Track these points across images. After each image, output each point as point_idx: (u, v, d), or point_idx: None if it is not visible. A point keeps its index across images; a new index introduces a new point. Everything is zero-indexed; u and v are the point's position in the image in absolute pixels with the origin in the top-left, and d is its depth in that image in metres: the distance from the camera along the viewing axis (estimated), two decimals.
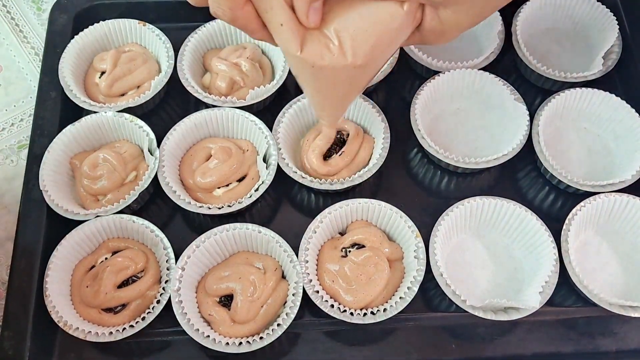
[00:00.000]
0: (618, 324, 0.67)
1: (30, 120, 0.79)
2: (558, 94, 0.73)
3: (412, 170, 0.75)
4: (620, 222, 0.69)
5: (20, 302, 0.64)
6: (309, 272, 0.64)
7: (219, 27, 0.80)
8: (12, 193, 0.78)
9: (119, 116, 0.73)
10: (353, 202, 0.67)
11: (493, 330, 0.66)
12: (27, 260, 0.66)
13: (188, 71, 0.76)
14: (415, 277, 0.63)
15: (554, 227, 0.66)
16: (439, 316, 0.67)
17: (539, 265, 0.65)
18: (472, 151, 0.74)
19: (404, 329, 0.66)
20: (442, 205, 0.67)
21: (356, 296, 0.63)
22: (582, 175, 0.72)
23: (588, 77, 0.75)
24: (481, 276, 0.68)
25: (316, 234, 0.66)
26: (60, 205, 0.68)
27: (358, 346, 0.66)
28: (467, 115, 0.77)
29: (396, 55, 0.76)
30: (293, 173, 0.70)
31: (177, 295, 0.63)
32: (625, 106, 0.73)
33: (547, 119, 0.73)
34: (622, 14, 0.81)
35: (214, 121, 0.73)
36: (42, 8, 0.91)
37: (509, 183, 0.74)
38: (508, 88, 0.74)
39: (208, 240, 0.66)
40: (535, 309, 0.62)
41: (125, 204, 0.68)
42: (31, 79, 0.86)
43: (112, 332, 0.62)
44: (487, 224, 0.69)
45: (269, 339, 0.61)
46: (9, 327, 0.63)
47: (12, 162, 0.80)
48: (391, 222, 0.68)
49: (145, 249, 0.68)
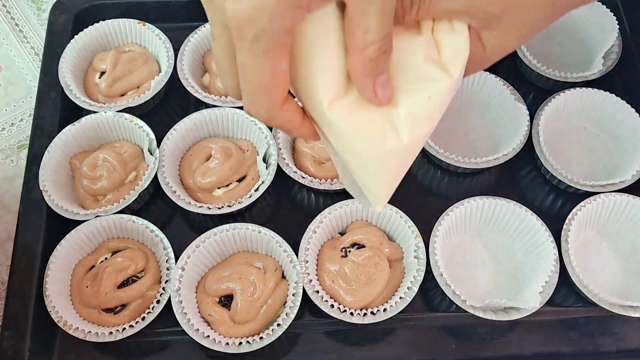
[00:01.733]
0: (618, 324, 0.67)
1: (30, 120, 0.79)
2: (558, 94, 0.73)
3: (412, 170, 0.75)
4: (620, 222, 0.69)
5: (20, 302, 0.64)
6: (309, 272, 0.64)
7: None
8: (12, 193, 0.78)
9: (118, 116, 0.73)
10: (353, 202, 0.67)
11: (493, 330, 0.66)
12: (27, 260, 0.66)
13: (188, 71, 0.76)
14: (415, 277, 0.63)
15: (554, 227, 0.66)
16: (439, 316, 0.67)
17: (539, 265, 0.65)
18: (472, 151, 0.74)
19: (404, 329, 0.66)
20: (442, 205, 0.67)
21: (356, 296, 0.63)
22: (582, 175, 0.72)
23: (588, 77, 0.75)
24: (481, 276, 0.68)
25: (316, 234, 0.66)
26: (60, 205, 0.68)
27: (358, 346, 0.66)
28: (467, 115, 0.77)
29: None
30: (293, 173, 0.70)
31: (177, 295, 0.63)
32: (625, 106, 0.73)
33: (547, 119, 0.73)
34: (622, 14, 0.81)
35: (214, 121, 0.73)
36: (42, 8, 0.91)
37: (509, 183, 0.74)
38: (508, 88, 0.74)
39: (208, 240, 0.66)
40: (535, 309, 0.62)
41: (125, 204, 0.68)
42: (31, 79, 0.86)
43: (112, 332, 0.62)
44: (487, 224, 0.69)
45: (269, 339, 0.61)
46: (9, 327, 0.63)
47: (12, 162, 0.80)
48: (391, 222, 0.68)
49: (145, 249, 0.68)
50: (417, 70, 0.38)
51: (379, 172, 0.41)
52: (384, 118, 0.38)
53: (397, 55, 0.37)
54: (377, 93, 0.37)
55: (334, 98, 0.37)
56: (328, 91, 0.36)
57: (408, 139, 0.38)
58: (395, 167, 0.41)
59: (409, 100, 0.38)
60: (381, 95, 0.37)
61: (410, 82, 0.38)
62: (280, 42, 0.33)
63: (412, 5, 0.37)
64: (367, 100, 0.37)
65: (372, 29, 0.34)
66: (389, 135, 0.38)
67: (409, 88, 0.38)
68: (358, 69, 0.36)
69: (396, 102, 0.38)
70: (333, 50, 0.36)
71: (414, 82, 0.38)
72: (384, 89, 0.37)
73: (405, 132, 0.38)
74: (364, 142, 0.38)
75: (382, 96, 0.37)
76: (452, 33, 0.38)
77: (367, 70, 0.36)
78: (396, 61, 0.37)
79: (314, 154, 0.71)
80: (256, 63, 0.34)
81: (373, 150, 0.38)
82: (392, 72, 0.38)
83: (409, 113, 0.38)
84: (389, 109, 0.38)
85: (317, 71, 0.36)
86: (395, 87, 0.38)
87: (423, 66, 0.38)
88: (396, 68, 0.38)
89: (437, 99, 0.38)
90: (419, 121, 0.38)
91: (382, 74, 0.37)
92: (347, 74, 0.37)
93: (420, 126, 0.38)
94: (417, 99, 0.38)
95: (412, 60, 0.38)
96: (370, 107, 0.38)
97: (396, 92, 0.38)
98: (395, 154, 0.39)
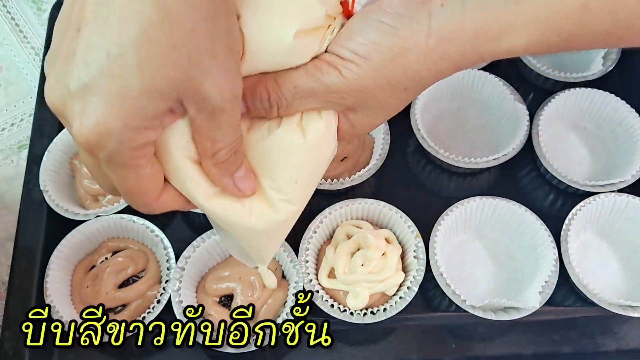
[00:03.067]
0: (618, 324, 0.67)
1: (30, 120, 0.79)
2: (558, 94, 0.73)
3: (412, 170, 0.75)
4: (620, 222, 0.69)
5: (20, 302, 0.64)
6: (309, 272, 0.64)
7: None
8: (12, 193, 0.78)
9: None
10: (353, 202, 0.67)
11: (493, 330, 0.66)
12: (27, 260, 0.66)
13: None
14: (415, 277, 0.63)
15: (554, 227, 0.66)
16: (439, 316, 0.67)
17: (538, 265, 0.65)
18: (472, 151, 0.74)
19: (404, 329, 0.66)
20: (442, 205, 0.67)
21: None
22: (582, 175, 0.72)
23: (588, 77, 0.75)
24: (481, 276, 0.68)
25: (316, 234, 0.66)
26: (60, 205, 0.68)
27: (358, 346, 0.66)
28: (467, 115, 0.77)
29: None
30: None
31: (177, 295, 0.63)
32: (625, 106, 0.73)
33: (547, 119, 0.73)
34: None
35: None
36: (42, 8, 0.91)
37: (509, 183, 0.74)
38: (508, 88, 0.74)
39: (208, 240, 0.66)
40: (535, 308, 0.62)
41: (125, 204, 0.68)
42: (31, 79, 0.86)
43: None
44: (487, 224, 0.69)
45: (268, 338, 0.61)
46: (9, 327, 0.63)
47: (12, 162, 0.80)
48: (391, 222, 0.68)
49: (146, 249, 0.68)
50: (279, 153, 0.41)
51: (261, 243, 0.44)
52: (259, 201, 0.41)
53: (260, 145, 0.41)
54: (239, 187, 0.39)
55: (206, 197, 0.39)
56: (199, 194, 0.39)
57: (284, 215, 0.42)
58: (277, 235, 0.44)
59: (277, 184, 0.41)
60: (243, 187, 0.40)
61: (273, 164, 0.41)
62: (135, 156, 0.34)
63: (272, 107, 0.39)
64: (232, 195, 0.40)
65: (219, 139, 0.36)
66: (267, 215, 0.41)
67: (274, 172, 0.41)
68: (213, 171, 0.38)
69: (266, 187, 0.41)
70: (196, 157, 0.38)
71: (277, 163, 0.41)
72: (244, 182, 0.40)
73: (282, 210, 0.41)
74: (243, 224, 0.41)
75: (244, 188, 0.40)
76: (319, 119, 0.41)
77: (221, 172, 0.38)
78: (260, 150, 0.41)
79: None
80: (118, 175, 0.35)
81: (253, 229, 0.42)
82: (255, 162, 0.41)
83: (280, 194, 0.41)
84: (263, 191, 0.41)
85: (185, 178, 0.38)
86: (260, 175, 0.41)
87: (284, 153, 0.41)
88: (259, 156, 0.41)
89: (302, 177, 0.41)
90: (292, 199, 0.41)
91: (238, 170, 0.39)
92: None
93: (293, 202, 0.42)
94: (284, 181, 0.41)
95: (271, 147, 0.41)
96: None
97: (262, 179, 0.41)
98: (275, 228, 0.42)
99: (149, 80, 0.31)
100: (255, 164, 0.41)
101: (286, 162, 0.41)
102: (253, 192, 0.41)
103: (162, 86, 0.32)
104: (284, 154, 0.40)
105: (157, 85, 0.32)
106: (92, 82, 0.31)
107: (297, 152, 0.40)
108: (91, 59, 0.31)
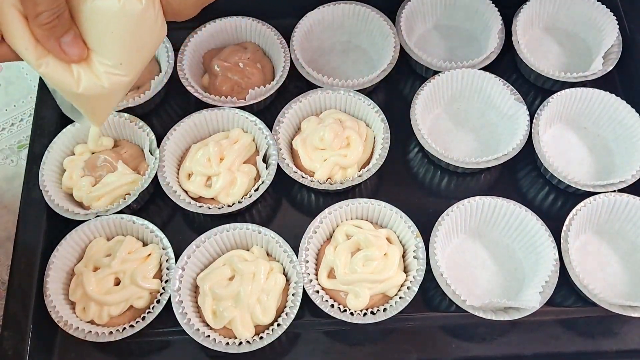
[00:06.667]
0: (618, 324, 0.67)
1: (30, 120, 0.79)
2: (558, 94, 0.73)
3: (412, 170, 0.75)
4: (620, 222, 0.69)
5: (20, 302, 0.64)
6: (309, 272, 0.64)
7: (219, 27, 0.80)
8: (12, 193, 0.78)
9: (119, 116, 0.73)
10: (353, 202, 0.67)
11: (493, 330, 0.66)
12: (27, 260, 0.66)
13: (188, 71, 0.76)
14: (415, 277, 0.63)
15: (554, 227, 0.66)
16: (439, 316, 0.67)
17: (539, 265, 0.65)
18: (472, 151, 0.74)
19: (404, 329, 0.66)
20: (442, 205, 0.67)
21: None
22: (582, 175, 0.72)
23: (588, 77, 0.75)
24: (481, 276, 0.68)
25: (316, 234, 0.66)
26: (60, 205, 0.68)
27: (358, 346, 0.66)
28: (467, 115, 0.77)
29: (396, 55, 0.76)
30: (293, 173, 0.70)
31: (177, 295, 0.63)
32: (625, 106, 0.73)
33: (547, 118, 0.73)
34: (622, 14, 0.81)
35: (214, 121, 0.73)
36: None
37: (509, 183, 0.74)
38: (508, 88, 0.74)
39: (208, 240, 0.66)
40: (535, 309, 0.62)
41: (125, 204, 0.68)
42: (31, 79, 0.86)
43: (112, 332, 0.62)
44: (487, 224, 0.69)
45: (268, 339, 0.61)
46: (9, 327, 0.63)
47: (12, 162, 0.81)
48: (391, 222, 0.68)
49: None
50: None
51: (90, 109, 0.49)
52: (86, 69, 0.45)
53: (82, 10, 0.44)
54: (66, 51, 0.42)
55: (37, 58, 0.43)
56: (31, 55, 0.43)
57: (109, 84, 0.46)
58: (107, 102, 0.49)
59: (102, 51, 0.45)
60: (70, 52, 0.43)
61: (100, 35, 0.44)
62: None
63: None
64: (59, 60, 0.43)
65: (39, 1, 0.39)
66: (94, 83, 0.45)
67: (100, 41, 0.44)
68: (39, 32, 0.41)
69: (93, 55, 0.45)
70: (23, 20, 0.42)
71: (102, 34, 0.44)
72: (71, 47, 0.42)
73: (106, 79, 0.46)
74: (72, 90, 0.45)
75: (71, 53, 0.43)
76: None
77: (47, 34, 0.41)
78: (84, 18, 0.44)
79: None
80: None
81: (82, 95, 0.46)
82: (83, 30, 0.44)
83: (105, 61, 0.45)
84: (90, 59, 0.45)
85: (16, 40, 0.42)
86: (89, 43, 0.44)
87: None
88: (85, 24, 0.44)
89: (125, 44, 0.45)
90: (116, 67, 0.45)
91: (65, 35, 0.42)
92: None
93: (119, 70, 0.46)
94: (108, 48, 0.45)
95: None
96: None
97: (91, 48, 0.44)
98: (102, 95, 0.47)
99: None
100: (85, 31, 0.44)
101: (106, 28, 0.44)
102: (80, 59, 0.44)
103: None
104: (103, 20, 0.43)
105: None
106: None
107: (114, 18, 0.43)
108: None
